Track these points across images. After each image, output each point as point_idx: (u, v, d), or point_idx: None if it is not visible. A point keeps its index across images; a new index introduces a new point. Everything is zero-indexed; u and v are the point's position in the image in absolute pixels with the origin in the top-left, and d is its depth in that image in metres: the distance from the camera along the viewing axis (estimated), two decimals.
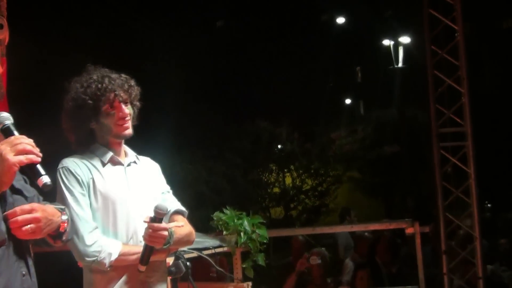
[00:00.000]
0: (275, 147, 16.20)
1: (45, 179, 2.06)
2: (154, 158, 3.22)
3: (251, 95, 15.94)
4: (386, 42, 17.64)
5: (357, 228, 7.34)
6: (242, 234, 4.63)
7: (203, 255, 4.01)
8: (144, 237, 2.75)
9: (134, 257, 2.80)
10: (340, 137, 16.21)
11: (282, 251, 8.98)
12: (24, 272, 2.05)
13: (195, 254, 3.90)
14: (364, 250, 7.55)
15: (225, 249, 4.70)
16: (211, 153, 14.57)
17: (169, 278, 3.09)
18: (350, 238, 8.76)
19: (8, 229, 2.01)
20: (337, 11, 16.65)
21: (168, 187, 3.13)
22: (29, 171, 2.06)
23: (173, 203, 3.06)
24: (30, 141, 2.04)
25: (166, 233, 2.74)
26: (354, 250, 8.20)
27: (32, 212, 2.04)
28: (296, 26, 15.87)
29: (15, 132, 2.10)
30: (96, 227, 2.82)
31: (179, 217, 3.03)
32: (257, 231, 4.71)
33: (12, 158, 1.97)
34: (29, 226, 2.01)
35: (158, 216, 2.74)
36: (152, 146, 3.20)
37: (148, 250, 2.76)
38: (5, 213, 1.99)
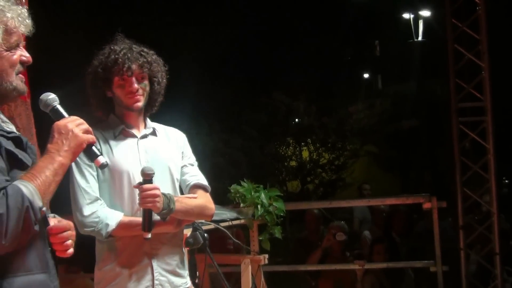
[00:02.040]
0: (292, 120, 16.14)
1: (102, 159, 2.21)
2: None
3: (268, 68, 15.86)
4: (406, 15, 17.45)
5: (374, 202, 7.31)
6: (259, 206, 4.63)
7: (220, 227, 4.03)
8: (138, 202, 2.76)
9: (137, 228, 2.80)
10: (357, 111, 16.07)
11: (299, 224, 9.01)
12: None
13: (212, 226, 3.92)
14: (381, 223, 7.57)
15: (242, 221, 4.71)
16: (228, 125, 14.56)
17: (186, 249, 3.11)
18: (367, 212, 8.75)
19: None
20: None
21: (192, 160, 3.11)
22: (86, 151, 2.15)
23: (193, 177, 3.05)
24: (84, 122, 2.14)
25: (157, 192, 2.72)
26: (372, 223, 8.21)
27: (71, 229, 2.12)
28: None
29: (65, 113, 2.17)
30: (97, 199, 2.84)
31: (199, 191, 3.02)
32: (274, 204, 4.71)
33: (82, 135, 2.08)
34: (68, 242, 2.08)
35: (146, 177, 2.74)
36: (169, 118, 3.19)
37: (147, 215, 2.75)
38: (49, 226, 2.03)
